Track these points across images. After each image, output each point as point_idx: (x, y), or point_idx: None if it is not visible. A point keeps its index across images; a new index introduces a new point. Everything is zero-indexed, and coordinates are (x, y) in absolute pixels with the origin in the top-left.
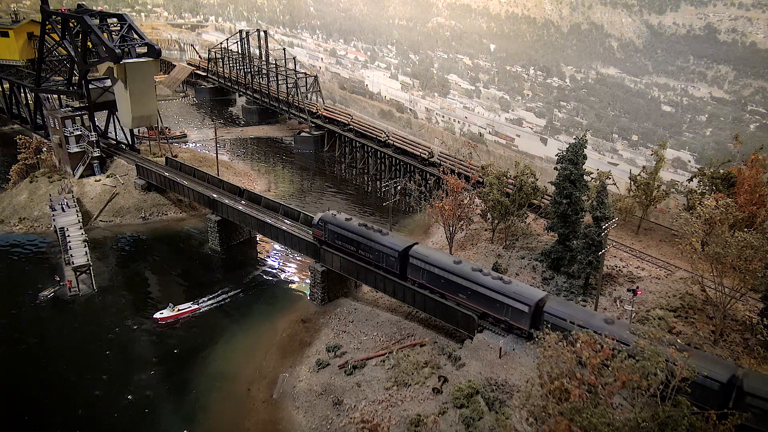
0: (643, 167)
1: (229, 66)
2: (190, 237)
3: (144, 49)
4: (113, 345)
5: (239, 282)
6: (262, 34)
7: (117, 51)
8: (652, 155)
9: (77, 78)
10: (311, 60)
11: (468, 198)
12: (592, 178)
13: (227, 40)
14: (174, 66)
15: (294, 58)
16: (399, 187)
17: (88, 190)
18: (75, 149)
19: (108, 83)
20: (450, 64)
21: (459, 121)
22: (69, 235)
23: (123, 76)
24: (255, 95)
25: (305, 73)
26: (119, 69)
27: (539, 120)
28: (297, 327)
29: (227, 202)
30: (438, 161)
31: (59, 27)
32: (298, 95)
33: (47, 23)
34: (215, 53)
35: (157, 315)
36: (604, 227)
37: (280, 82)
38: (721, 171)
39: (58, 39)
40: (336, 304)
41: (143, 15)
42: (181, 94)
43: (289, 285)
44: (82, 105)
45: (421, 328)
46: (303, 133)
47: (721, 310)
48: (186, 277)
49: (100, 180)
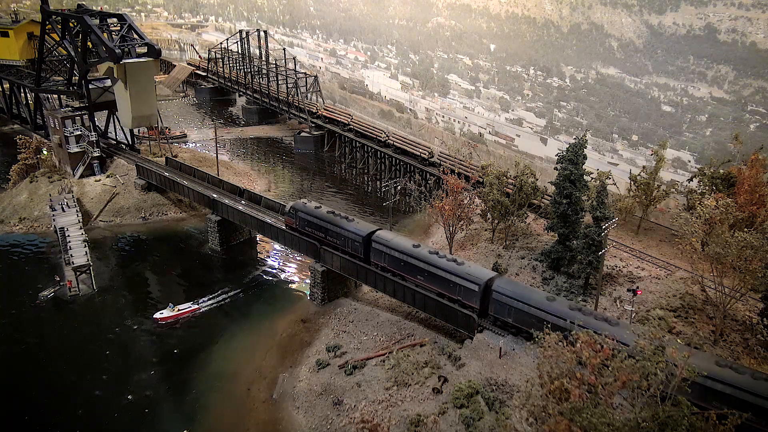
0: (643, 167)
1: (229, 66)
2: (190, 237)
3: (144, 49)
4: (113, 345)
5: (239, 282)
6: (262, 34)
7: (117, 51)
8: (652, 155)
9: (77, 78)
10: (311, 60)
11: (468, 198)
12: (592, 178)
13: (227, 40)
14: (174, 66)
15: (294, 58)
16: (399, 187)
17: (88, 190)
18: (75, 149)
19: (108, 83)
20: (450, 64)
21: (459, 121)
22: (69, 235)
23: (123, 76)
24: (255, 95)
25: (305, 73)
26: (119, 69)
27: (539, 120)
28: (297, 327)
29: (227, 202)
30: (438, 161)
31: (59, 27)
32: (298, 95)
33: (47, 23)
34: (215, 53)
35: (157, 315)
36: (604, 227)
37: (280, 82)
38: (721, 171)
39: (58, 39)
40: (336, 304)
41: (143, 15)
42: (181, 94)
43: (289, 285)
44: (82, 105)
45: (421, 328)
46: (303, 133)
47: (721, 310)
48: (186, 277)
49: (100, 180)
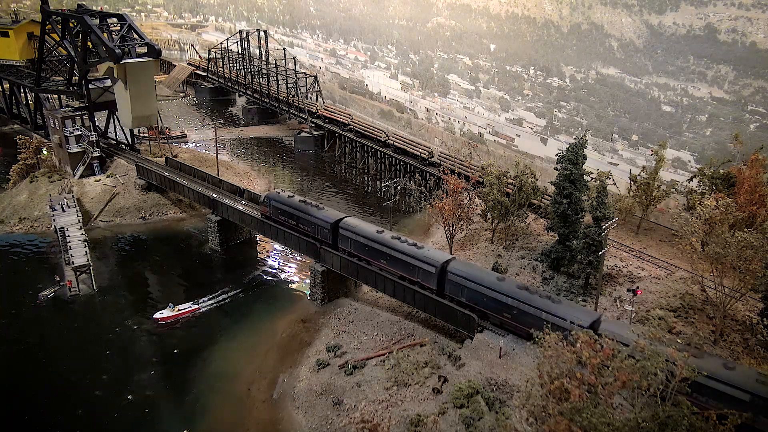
0: (643, 167)
1: (229, 66)
2: (190, 237)
3: (144, 49)
4: (113, 345)
5: (239, 282)
6: (262, 34)
7: (117, 51)
8: (652, 155)
9: (77, 78)
10: (311, 60)
11: (468, 198)
12: (592, 178)
13: (227, 40)
14: (174, 66)
15: (294, 58)
16: (399, 187)
17: (88, 190)
18: (75, 149)
19: (108, 83)
20: (450, 64)
21: (459, 121)
22: (69, 235)
23: (123, 76)
24: (255, 95)
25: (305, 73)
26: (119, 69)
27: (539, 120)
28: (297, 327)
29: (227, 202)
30: (438, 161)
31: (59, 27)
32: (298, 95)
33: (47, 23)
34: (215, 53)
35: (157, 315)
36: (604, 227)
37: (280, 82)
38: (721, 171)
39: (58, 39)
40: (336, 304)
41: (143, 15)
42: (181, 94)
43: (289, 285)
44: (82, 105)
45: (421, 328)
46: (303, 133)
47: (721, 310)
48: (186, 277)
49: (100, 180)
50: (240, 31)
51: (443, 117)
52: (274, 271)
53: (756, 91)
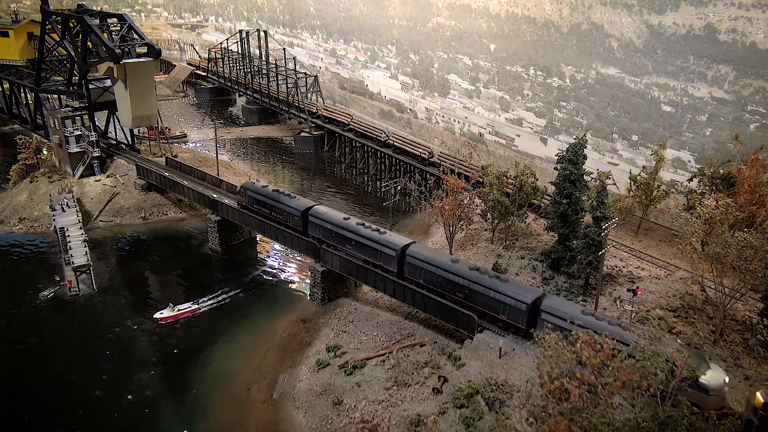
0: (643, 167)
1: (229, 66)
2: (190, 237)
3: (144, 49)
4: (113, 345)
5: (239, 282)
6: (262, 34)
7: (117, 51)
8: (652, 155)
9: (77, 78)
10: (311, 60)
11: (468, 198)
12: (592, 178)
13: (227, 40)
14: (174, 66)
15: (294, 58)
16: (399, 187)
17: (88, 190)
18: (75, 149)
19: (108, 83)
20: (450, 64)
21: (459, 121)
22: (69, 235)
23: (123, 76)
24: (255, 95)
25: (305, 73)
26: (119, 69)
27: (539, 120)
28: (297, 327)
29: (227, 202)
30: (438, 161)
31: (59, 27)
32: (298, 95)
33: (47, 23)
34: (215, 53)
35: (157, 315)
36: (604, 227)
37: (280, 82)
38: (721, 171)
39: (58, 39)
40: (336, 304)
41: (143, 15)
42: (181, 94)
43: (289, 285)
44: (82, 105)
45: (421, 328)
46: (303, 133)
47: (721, 310)
48: (186, 277)
49: (100, 180)
50: (240, 31)
51: (443, 117)
52: (274, 271)
53: (756, 91)
